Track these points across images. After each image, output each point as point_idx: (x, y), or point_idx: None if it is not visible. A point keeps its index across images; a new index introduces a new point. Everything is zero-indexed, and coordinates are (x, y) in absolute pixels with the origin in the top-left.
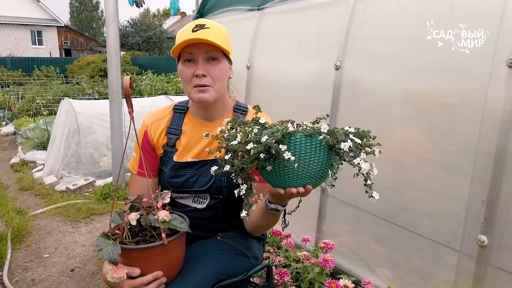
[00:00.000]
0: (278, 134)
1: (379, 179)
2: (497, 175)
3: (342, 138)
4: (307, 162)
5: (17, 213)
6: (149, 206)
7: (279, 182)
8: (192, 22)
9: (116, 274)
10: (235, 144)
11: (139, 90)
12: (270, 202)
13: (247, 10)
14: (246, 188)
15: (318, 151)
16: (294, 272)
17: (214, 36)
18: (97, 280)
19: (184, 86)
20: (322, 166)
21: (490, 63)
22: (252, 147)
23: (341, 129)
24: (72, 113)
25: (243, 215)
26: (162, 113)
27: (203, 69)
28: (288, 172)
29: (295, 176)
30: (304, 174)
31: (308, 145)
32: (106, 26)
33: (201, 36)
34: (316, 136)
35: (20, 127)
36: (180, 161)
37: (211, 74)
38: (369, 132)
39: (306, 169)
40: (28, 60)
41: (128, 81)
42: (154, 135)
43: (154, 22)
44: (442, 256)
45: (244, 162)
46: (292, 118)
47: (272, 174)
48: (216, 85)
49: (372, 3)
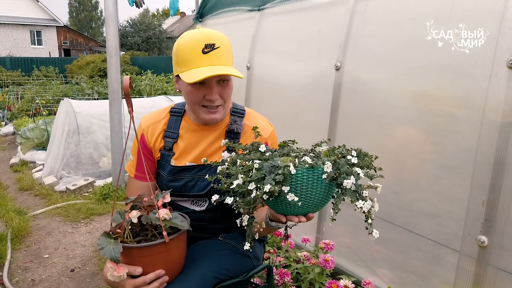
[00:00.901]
0: (280, 175)
1: (379, 179)
2: (497, 176)
3: (345, 170)
4: (309, 194)
5: (17, 214)
6: (150, 205)
7: (281, 211)
8: (197, 39)
9: (117, 273)
10: (237, 185)
11: (138, 90)
12: (271, 220)
13: (247, 10)
14: (248, 219)
15: (320, 183)
16: (295, 273)
17: (226, 57)
18: (97, 281)
19: (189, 103)
20: (324, 196)
21: (490, 64)
22: (254, 192)
23: (341, 153)
24: (72, 113)
25: (246, 248)
26: (159, 116)
27: (216, 92)
28: (290, 204)
29: (297, 207)
30: (306, 205)
31: (310, 177)
32: (106, 26)
33: (218, 63)
34: (318, 168)
35: (20, 127)
36: (178, 165)
37: (222, 95)
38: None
39: (307, 200)
40: (28, 60)
41: (128, 80)
42: (151, 138)
43: (153, 22)
44: (442, 256)
45: (247, 203)
46: (292, 118)
47: (274, 203)
48: (226, 104)
49: (372, 4)
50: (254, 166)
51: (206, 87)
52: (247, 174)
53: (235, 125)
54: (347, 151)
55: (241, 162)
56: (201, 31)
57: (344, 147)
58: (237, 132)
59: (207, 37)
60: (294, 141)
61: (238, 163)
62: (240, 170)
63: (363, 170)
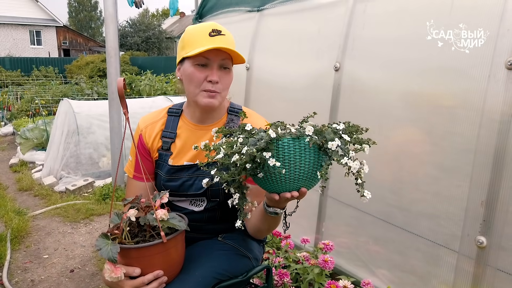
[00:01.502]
0: (262, 142)
1: (378, 180)
2: (496, 176)
3: (331, 137)
4: (297, 165)
5: (17, 214)
6: (147, 206)
7: (272, 188)
8: (205, 25)
9: (114, 274)
10: (220, 158)
11: (138, 90)
12: (268, 205)
13: (246, 11)
14: (238, 198)
15: (308, 153)
16: (294, 273)
17: (231, 44)
18: (97, 281)
19: (190, 87)
20: (313, 168)
21: (489, 65)
22: (236, 159)
23: (329, 126)
24: (71, 113)
25: (237, 225)
26: (157, 116)
27: (218, 75)
28: (279, 178)
29: (287, 181)
30: (296, 178)
31: (297, 148)
32: (106, 26)
33: (224, 45)
34: (303, 138)
35: (19, 127)
36: (175, 165)
37: (222, 82)
38: (360, 127)
39: (297, 173)
40: (27, 60)
41: (122, 82)
42: (148, 138)
43: (153, 22)
44: (441, 257)
45: (232, 175)
46: (292, 119)
47: (264, 180)
48: (224, 92)
49: (372, 4)
50: (238, 141)
51: (209, 69)
52: (231, 148)
53: (232, 124)
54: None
55: (227, 139)
56: (208, 22)
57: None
58: None
59: (215, 25)
60: (283, 122)
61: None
62: (223, 144)
63: (350, 137)
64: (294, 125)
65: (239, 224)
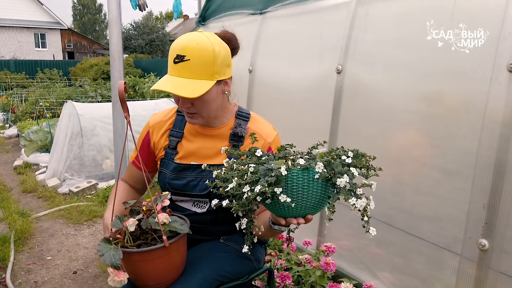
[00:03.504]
0: (273, 177)
1: (380, 182)
2: (498, 179)
3: (339, 170)
4: (305, 195)
5: (20, 215)
6: (149, 210)
7: (279, 213)
8: (175, 46)
9: (117, 278)
10: (232, 188)
11: (141, 93)
12: (274, 223)
13: (249, 14)
14: (246, 222)
15: (316, 184)
16: (296, 276)
17: (196, 70)
18: (100, 283)
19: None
20: (321, 197)
21: (490, 67)
22: (248, 196)
23: (337, 155)
24: (75, 115)
25: (245, 250)
26: (166, 115)
27: (185, 103)
28: (286, 206)
29: (294, 209)
30: (303, 207)
31: (306, 178)
32: (109, 29)
33: (182, 75)
34: (313, 169)
35: (24, 129)
36: (182, 163)
37: (194, 106)
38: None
39: (304, 202)
40: (32, 63)
41: (122, 85)
42: (156, 136)
43: (156, 25)
44: (444, 259)
45: (242, 205)
46: (294, 121)
47: (272, 206)
48: (204, 113)
49: (373, 7)
50: (249, 170)
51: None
52: (242, 177)
53: (240, 129)
54: (343, 152)
55: (237, 166)
56: (186, 38)
57: (342, 149)
58: (241, 136)
59: (182, 47)
60: (292, 145)
61: (234, 168)
62: (235, 174)
63: (358, 170)
64: (303, 153)
65: (246, 250)
